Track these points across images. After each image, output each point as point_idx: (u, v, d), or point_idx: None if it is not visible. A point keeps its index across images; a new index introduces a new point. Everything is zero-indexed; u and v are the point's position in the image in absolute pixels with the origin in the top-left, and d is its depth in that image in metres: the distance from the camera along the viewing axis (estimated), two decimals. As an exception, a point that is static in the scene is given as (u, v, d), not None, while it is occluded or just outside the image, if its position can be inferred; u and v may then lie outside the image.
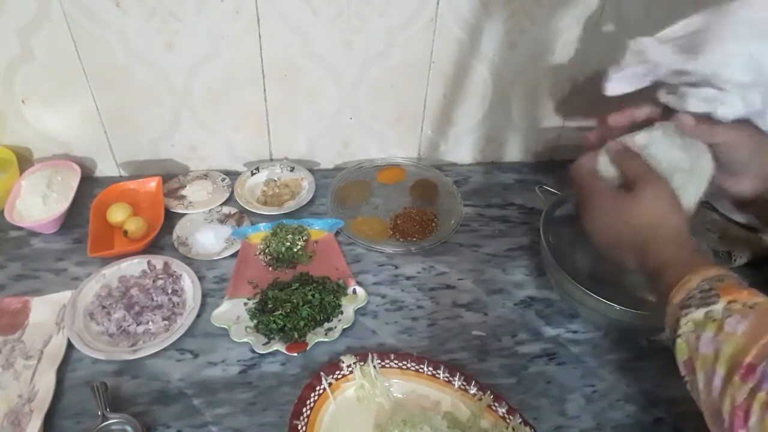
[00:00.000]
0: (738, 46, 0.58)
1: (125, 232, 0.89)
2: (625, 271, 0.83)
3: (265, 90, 0.95)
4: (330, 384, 0.69)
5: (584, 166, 0.67)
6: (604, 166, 0.67)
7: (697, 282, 0.52)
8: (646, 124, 0.67)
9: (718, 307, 0.50)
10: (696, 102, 0.62)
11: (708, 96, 0.62)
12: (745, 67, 0.58)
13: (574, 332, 0.81)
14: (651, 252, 0.59)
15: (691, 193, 0.63)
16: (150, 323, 0.77)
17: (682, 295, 0.53)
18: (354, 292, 0.83)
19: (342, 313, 0.81)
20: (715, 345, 0.49)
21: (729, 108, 0.61)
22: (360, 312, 0.82)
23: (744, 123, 0.63)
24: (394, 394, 0.71)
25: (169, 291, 0.81)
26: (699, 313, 0.50)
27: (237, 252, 0.89)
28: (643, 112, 0.67)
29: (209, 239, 0.90)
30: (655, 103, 0.67)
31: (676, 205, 0.60)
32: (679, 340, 0.52)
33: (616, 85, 0.68)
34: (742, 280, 0.52)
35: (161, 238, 0.91)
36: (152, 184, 0.97)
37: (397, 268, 0.89)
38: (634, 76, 0.67)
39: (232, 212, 0.97)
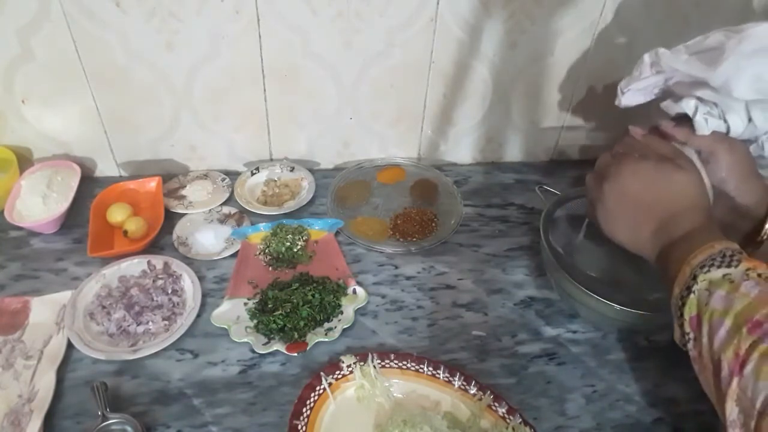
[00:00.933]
0: (747, 63, 0.59)
1: (125, 232, 0.89)
2: (625, 271, 0.84)
3: (265, 90, 0.95)
4: (330, 384, 0.69)
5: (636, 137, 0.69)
6: None
7: (721, 248, 0.53)
8: None
9: (738, 271, 0.51)
10: (701, 114, 0.64)
11: (713, 111, 0.64)
12: (750, 86, 0.60)
13: (574, 332, 0.81)
14: (682, 219, 0.59)
15: None
16: (150, 323, 0.77)
17: (703, 256, 0.54)
18: (354, 292, 0.83)
19: (342, 313, 0.81)
20: (727, 301, 0.50)
21: (731, 123, 0.64)
22: (360, 312, 0.82)
23: (735, 142, 0.65)
24: (394, 394, 0.71)
25: (169, 291, 0.81)
26: (718, 273, 0.52)
27: (237, 252, 0.89)
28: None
29: (209, 239, 0.90)
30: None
31: (706, 192, 0.62)
32: (691, 296, 0.53)
33: (631, 98, 0.71)
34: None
35: (161, 238, 0.91)
36: (152, 184, 0.97)
37: (397, 268, 0.89)
38: (647, 88, 0.70)
39: (232, 212, 0.97)
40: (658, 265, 0.61)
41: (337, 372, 0.71)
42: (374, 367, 0.71)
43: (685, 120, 0.67)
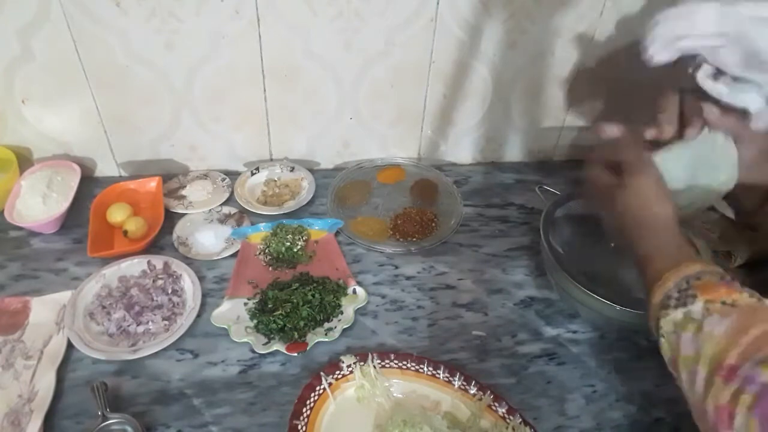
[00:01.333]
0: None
1: (125, 232, 0.89)
2: (624, 271, 0.84)
3: (265, 90, 0.95)
4: (330, 384, 0.69)
5: (594, 159, 0.67)
6: None
7: (675, 281, 0.52)
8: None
9: (697, 307, 0.50)
10: (727, 89, 0.62)
11: (742, 87, 0.62)
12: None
13: (574, 332, 0.81)
14: (636, 243, 0.59)
15: (717, 183, 0.64)
16: (150, 323, 0.77)
17: (660, 295, 0.53)
18: (354, 292, 0.83)
19: (342, 313, 0.81)
20: (695, 345, 0.49)
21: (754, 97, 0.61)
22: (360, 312, 0.82)
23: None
24: (394, 394, 0.71)
25: (169, 291, 0.81)
26: (678, 314, 0.51)
27: (237, 252, 0.89)
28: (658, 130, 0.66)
29: (209, 239, 0.90)
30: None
31: (661, 196, 0.59)
32: (662, 340, 0.52)
33: (658, 52, 0.65)
34: (724, 274, 0.52)
35: (161, 238, 0.91)
36: (152, 184, 0.97)
37: (397, 268, 0.89)
38: (673, 42, 0.64)
39: (232, 212, 0.97)
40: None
41: (337, 372, 0.71)
42: (374, 367, 0.71)
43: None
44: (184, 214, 0.95)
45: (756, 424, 0.43)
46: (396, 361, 0.73)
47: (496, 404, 0.69)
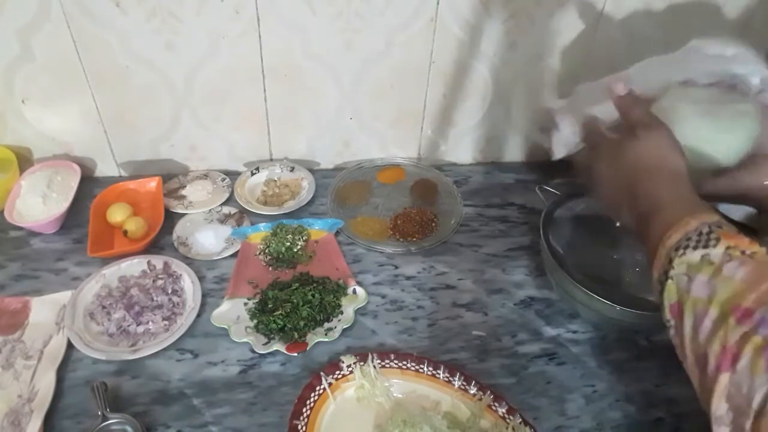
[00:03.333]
0: None
1: (125, 232, 0.89)
2: (625, 270, 0.84)
3: (265, 90, 0.95)
4: (330, 384, 0.69)
5: (593, 117, 0.66)
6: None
7: (696, 224, 0.50)
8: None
9: (717, 251, 0.48)
10: None
11: None
12: None
13: (574, 332, 0.81)
14: (646, 193, 0.56)
15: (732, 148, 0.62)
16: (150, 323, 0.77)
17: (678, 235, 0.50)
18: (354, 292, 0.83)
19: (342, 313, 0.81)
20: (710, 288, 0.47)
21: None
22: (360, 312, 0.82)
23: None
24: (394, 394, 0.71)
25: (169, 291, 0.81)
26: (695, 255, 0.48)
27: (237, 252, 0.89)
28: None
29: (209, 239, 0.90)
30: None
31: (676, 148, 0.57)
32: (669, 282, 0.50)
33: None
34: (739, 230, 0.50)
35: (161, 238, 0.91)
36: (152, 184, 0.97)
37: (397, 268, 0.89)
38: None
39: (232, 212, 0.97)
40: (640, 243, 0.57)
41: (337, 372, 0.71)
42: (374, 367, 0.71)
43: None
44: (184, 214, 0.95)
45: (763, 363, 0.41)
46: (396, 361, 0.73)
47: (496, 404, 0.69)
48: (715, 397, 0.44)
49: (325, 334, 0.77)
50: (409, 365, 0.73)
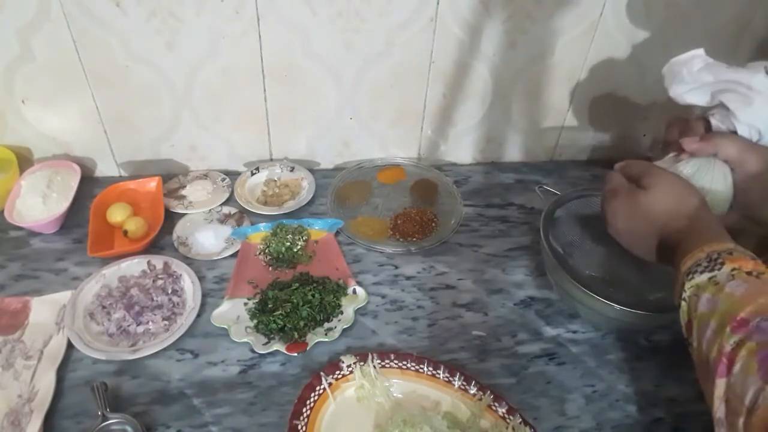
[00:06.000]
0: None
1: (125, 232, 0.89)
2: (625, 270, 0.83)
3: (265, 90, 0.95)
4: (330, 384, 0.69)
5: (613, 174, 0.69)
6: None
7: (708, 252, 0.54)
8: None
9: (723, 272, 0.51)
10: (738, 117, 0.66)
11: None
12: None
13: (574, 332, 0.81)
14: (670, 231, 0.60)
15: (716, 203, 0.66)
16: (150, 323, 0.77)
17: (690, 262, 0.54)
18: (354, 292, 0.83)
19: (342, 313, 0.81)
20: (712, 303, 0.50)
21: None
22: (360, 312, 0.82)
23: (763, 154, 0.65)
24: (394, 394, 0.71)
25: (169, 291, 0.81)
26: (703, 277, 0.52)
27: (237, 252, 0.89)
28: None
29: (209, 239, 0.90)
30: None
31: (690, 188, 0.62)
32: (682, 304, 0.54)
33: (690, 97, 0.71)
34: (755, 256, 0.53)
35: (161, 238, 0.91)
36: (152, 184, 0.97)
37: (397, 268, 0.89)
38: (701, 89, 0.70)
39: (232, 212, 0.97)
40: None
41: (337, 372, 0.71)
42: (374, 367, 0.71)
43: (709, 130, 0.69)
44: (184, 214, 0.95)
45: (755, 365, 0.44)
46: (396, 361, 0.73)
47: (496, 404, 0.69)
48: (715, 400, 0.47)
49: (325, 334, 0.77)
50: (409, 365, 0.73)
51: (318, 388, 0.69)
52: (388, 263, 0.90)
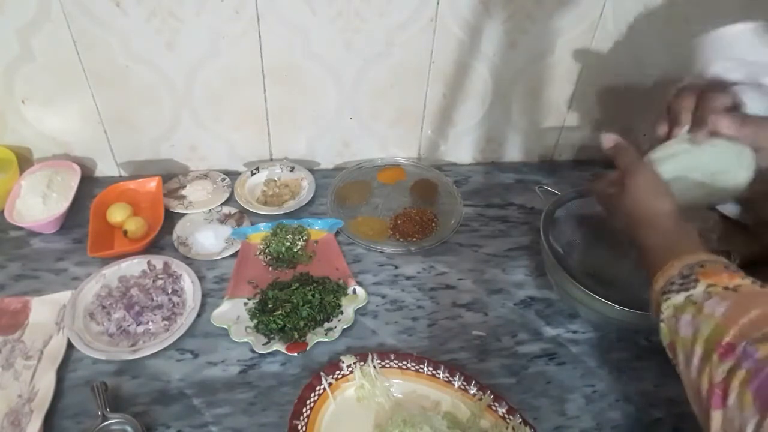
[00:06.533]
0: None
1: (125, 232, 0.89)
2: (624, 270, 0.83)
3: (265, 90, 0.95)
4: (330, 384, 0.69)
5: (597, 176, 0.68)
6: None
7: (679, 268, 0.53)
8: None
9: (698, 290, 0.50)
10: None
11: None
12: None
13: (574, 332, 0.81)
14: (639, 238, 0.59)
15: (732, 188, 0.63)
16: (150, 323, 0.77)
17: (663, 280, 0.53)
18: (354, 292, 0.83)
19: (342, 313, 0.81)
20: (693, 326, 0.49)
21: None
22: (360, 312, 0.82)
23: None
24: (394, 394, 0.71)
25: (169, 291, 0.81)
26: (679, 298, 0.51)
27: (237, 252, 0.89)
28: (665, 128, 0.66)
29: (209, 239, 0.90)
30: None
31: (661, 192, 0.60)
32: (661, 325, 0.53)
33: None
34: (729, 263, 0.52)
35: (161, 238, 0.91)
36: (152, 184, 0.97)
37: (397, 268, 0.89)
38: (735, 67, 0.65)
39: (232, 212, 0.97)
40: None
41: (337, 372, 0.71)
42: (374, 367, 0.71)
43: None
44: (184, 214, 0.95)
45: (750, 397, 0.43)
46: (396, 361, 0.73)
47: (496, 404, 0.69)
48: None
49: (325, 334, 0.77)
50: (409, 365, 0.73)
51: (318, 388, 0.69)
52: (388, 263, 0.90)
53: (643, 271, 0.61)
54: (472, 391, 0.71)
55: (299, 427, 0.64)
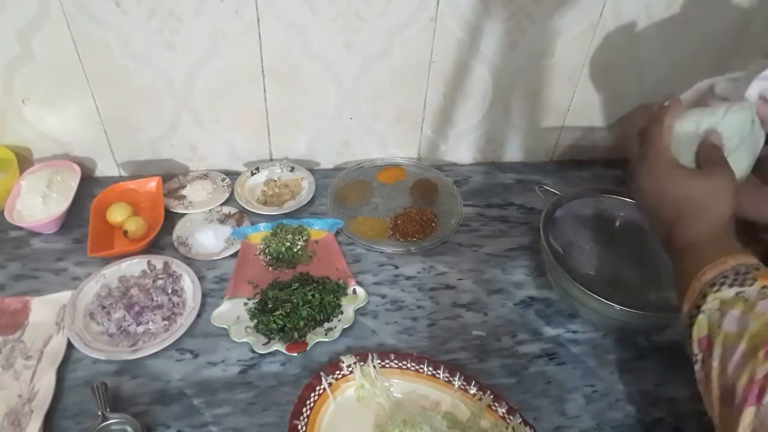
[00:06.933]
0: None
1: (125, 232, 0.89)
2: (624, 270, 0.83)
3: (265, 90, 0.95)
4: (330, 384, 0.69)
5: (664, 130, 0.61)
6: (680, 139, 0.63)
7: (734, 264, 0.51)
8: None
9: (753, 289, 0.49)
10: None
11: None
12: None
13: (574, 332, 0.81)
14: (690, 226, 0.56)
15: (744, 165, 0.62)
16: (150, 323, 0.77)
17: (714, 272, 0.51)
18: (354, 292, 0.83)
19: (342, 313, 0.81)
20: (741, 322, 0.47)
21: None
22: (360, 312, 0.82)
23: None
24: (394, 394, 0.71)
25: (169, 291, 0.81)
26: (730, 292, 0.49)
27: (237, 252, 0.89)
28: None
29: (209, 239, 0.90)
30: None
31: (734, 199, 0.57)
32: (700, 316, 0.51)
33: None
34: None
35: (161, 238, 0.91)
36: (152, 184, 0.97)
37: (397, 268, 0.89)
38: None
39: (232, 212, 0.97)
40: (673, 267, 0.58)
41: (337, 372, 0.71)
42: (374, 367, 0.71)
43: None
44: (184, 214, 0.95)
45: None
46: (396, 361, 0.73)
47: (496, 404, 0.69)
48: (740, 429, 0.44)
49: (325, 334, 0.77)
50: (409, 365, 0.73)
51: (318, 388, 0.69)
52: (388, 263, 0.90)
53: (646, 268, 0.60)
54: (472, 391, 0.71)
55: (299, 427, 0.64)
